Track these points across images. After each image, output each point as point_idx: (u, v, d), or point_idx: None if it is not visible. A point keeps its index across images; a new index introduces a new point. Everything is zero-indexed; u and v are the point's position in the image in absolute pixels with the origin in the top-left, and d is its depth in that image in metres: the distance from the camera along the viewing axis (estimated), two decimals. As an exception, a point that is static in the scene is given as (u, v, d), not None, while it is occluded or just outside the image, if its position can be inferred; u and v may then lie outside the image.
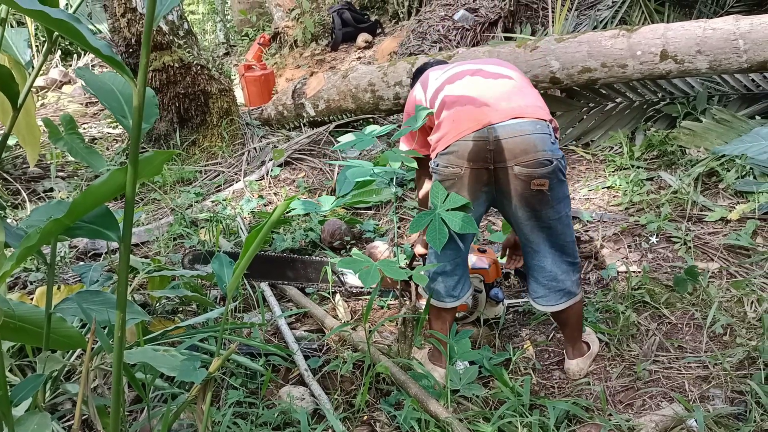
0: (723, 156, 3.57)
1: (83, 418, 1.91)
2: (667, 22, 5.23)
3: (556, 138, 2.13)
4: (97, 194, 1.02)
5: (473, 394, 2.24)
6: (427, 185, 2.56)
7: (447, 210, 2.09)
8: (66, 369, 2.15)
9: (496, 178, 2.10)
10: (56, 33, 1.38)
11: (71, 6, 1.45)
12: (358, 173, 1.94)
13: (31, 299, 2.47)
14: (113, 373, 1.18)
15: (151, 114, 1.12)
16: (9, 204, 4.19)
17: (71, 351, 2.19)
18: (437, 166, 2.17)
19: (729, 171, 3.48)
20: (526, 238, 2.22)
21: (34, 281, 3.08)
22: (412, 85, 2.74)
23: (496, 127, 2.04)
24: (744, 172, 3.45)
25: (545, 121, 2.10)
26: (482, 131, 2.05)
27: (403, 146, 2.52)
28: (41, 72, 1.44)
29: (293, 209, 2.11)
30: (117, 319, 1.11)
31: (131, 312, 1.54)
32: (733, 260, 2.92)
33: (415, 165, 2.18)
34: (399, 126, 3.88)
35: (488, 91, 2.15)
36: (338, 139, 2.19)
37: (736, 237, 2.99)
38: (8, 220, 2.85)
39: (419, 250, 2.73)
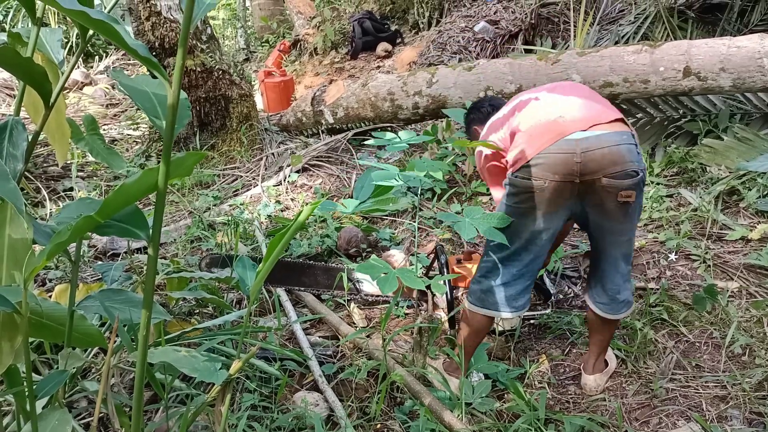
0: (744, 174, 3.55)
1: (99, 416, 1.92)
2: (690, 38, 5.20)
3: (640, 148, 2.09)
4: (129, 193, 1.03)
5: (487, 410, 2.23)
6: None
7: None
8: (82, 367, 2.17)
9: (580, 190, 2.03)
10: (89, 34, 1.41)
11: (104, 7, 1.47)
12: (382, 176, 1.94)
13: (50, 296, 2.49)
14: (136, 372, 1.19)
15: (184, 116, 1.12)
16: (30, 202, 4.24)
17: (89, 348, 2.21)
18: (516, 178, 2.07)
19: (750, 190, 3.45)
20: (604, 250, 2.20)
21: (53, 279, 3.11)
22: (467, 130, 2.67)
23: (582, 139, 1.97)
24: (765, 192, 3.42)
25: (629, 131, 2.06)
26: (569, 143, 1.97)
27: (499, 191, 2.35)
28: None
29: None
30: (142, 317, 1.12)
31: (154, 311, 1.55)
32: (753, 280, 2.89)
33: (439, 175, 2.17)
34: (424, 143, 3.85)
35: (559, 103, 2.09)
36: (365, 138, 2.19)
37: (756, 257, 2.97)
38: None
39: None
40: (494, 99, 2.69)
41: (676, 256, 3.14)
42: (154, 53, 4.76)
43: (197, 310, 2.77)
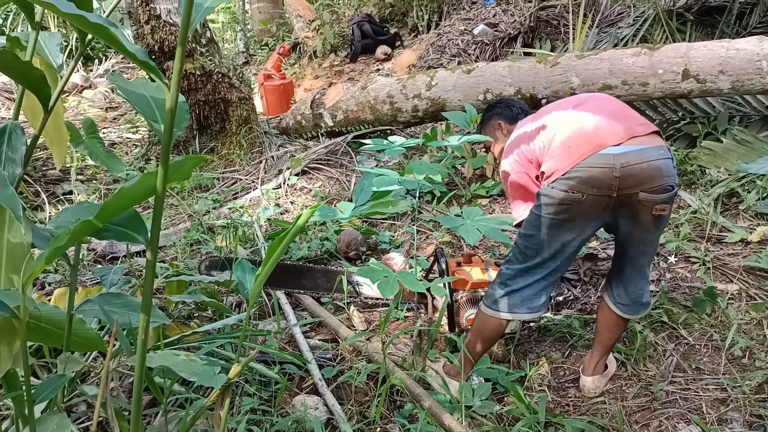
0: (744, 177, 3.55)
1: (98, 420, 1.92)
2: (689, 41, 5.22)
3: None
4: (128, 197, 1.03)
5: (487, 413, 2.22)
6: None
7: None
8: (81, 371, 2.16)
9: (616, 203, 2.02)
10: (88, 37, 1.41)
11: (103, 11, 1.47)
12: (383, 182, 1.94)
13: (49, 300, 2.49)
14: (135, 376, 1.18)
15: (182, 119, 1.12)
16: (29, 205, 4.24)
17: (88, 352, 2.20)
18: (552, 189, 2.03)
19: (750, 192, 3.45)
20: (632, 257, 2.21)
21: (52, 283, 3.10)
22: (481, 127, 2.66)
23: (621, 154, 1.96)
24: (765, 194, 3.42)
25: (665, 144, 2.06)
26: (608, 157, 1.96)
27: (519, 206, 2.33)
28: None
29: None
30: (141, 321, 1.12)
31: (153, 315, 1.55)
32: (752, 282, 2.89)
33: (438, 178, 2.16)
34: (422, 146, 3.91)
35: (595, 115, 2.09)
36: (364, 141, 2.17)
37: (756, 259, 2.97)
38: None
39: None
40: (524, 104, 2.67)
41: (676, 259, 3.14)
42: (153, 57, 4.76)
43: (196, 314, 2.77)
